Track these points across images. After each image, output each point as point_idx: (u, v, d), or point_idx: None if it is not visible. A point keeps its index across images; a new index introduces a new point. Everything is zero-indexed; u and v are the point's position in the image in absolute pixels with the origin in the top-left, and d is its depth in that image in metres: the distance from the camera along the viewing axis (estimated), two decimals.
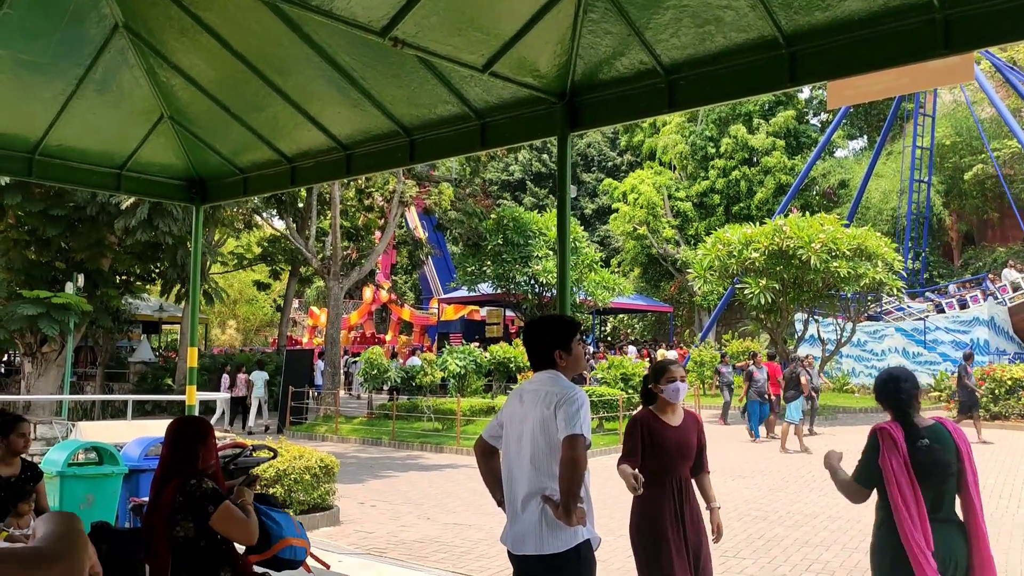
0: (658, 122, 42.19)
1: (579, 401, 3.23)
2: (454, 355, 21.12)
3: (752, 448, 16.29)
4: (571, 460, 3.11)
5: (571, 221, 23.81)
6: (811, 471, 13.18)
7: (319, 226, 25.75)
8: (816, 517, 9.69)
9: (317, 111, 5.49)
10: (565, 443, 3.14)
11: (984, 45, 3.67)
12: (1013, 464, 13.68)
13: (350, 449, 17.03)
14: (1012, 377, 19.30)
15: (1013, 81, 28.13)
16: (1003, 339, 25.82)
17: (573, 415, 3.17)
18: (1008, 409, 19.26)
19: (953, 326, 26.11)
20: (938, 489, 3.54)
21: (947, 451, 3.59)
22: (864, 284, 20.88)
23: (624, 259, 42.84)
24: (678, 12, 3.98)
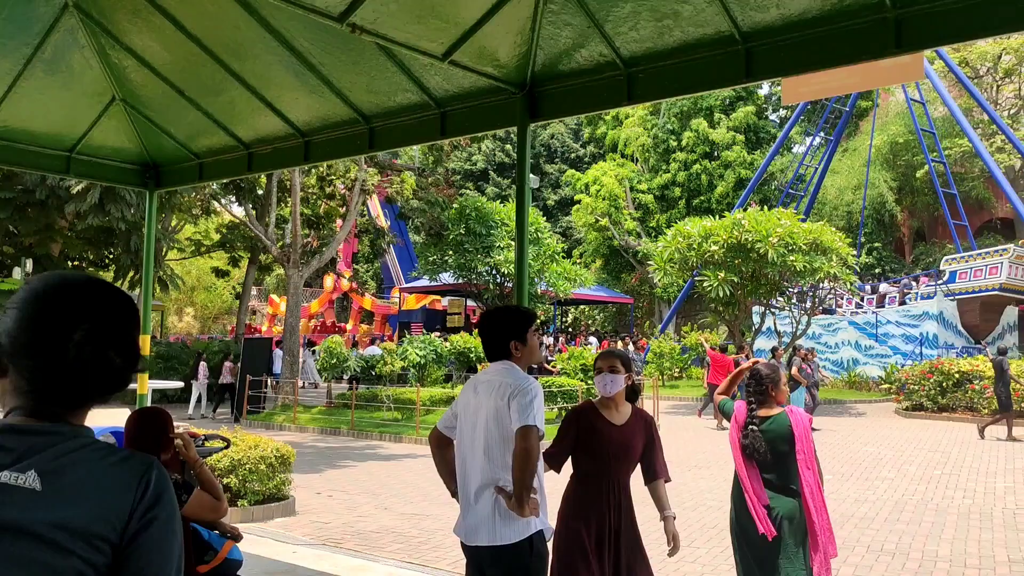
0: (621, 115, 42.41)
1: (533, 392, 3.24)
2: (414, 345, 21.05)
3: (716, 437, 16.49)
4: (524, 451, 3.12)
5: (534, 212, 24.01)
6: None
7: (279, 213, 25.46)
8: None
9: (275, 96, 5.42)
10: (518, 434, 3.15)
11: (934, 45, 3.74)
12: (959, 456, 14.03)
13: (308, 439, 16.92)
14: (959, 371, 19.76)
15: (965, 81, 28.72)
16: (951, 333, 26.44)
17: (526, 406, 3.18)
18: (955, 402, 19.73)
19: (903, 320, 26.67)
20: (773, 464, 4.39)
21: (778, 437, 4.37)
22: (819, 278, 21.23)
23: (586, 250, 43.03)
24: (637, 6, 4.01)
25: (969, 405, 19.51)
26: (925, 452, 14.39)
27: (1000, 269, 25.57)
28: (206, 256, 35.35)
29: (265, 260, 31.14)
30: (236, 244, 29.96)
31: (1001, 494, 10.62)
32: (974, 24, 3.48)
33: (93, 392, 1.36)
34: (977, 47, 33.87)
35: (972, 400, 19.38)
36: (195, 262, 41.58)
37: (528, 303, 14.02)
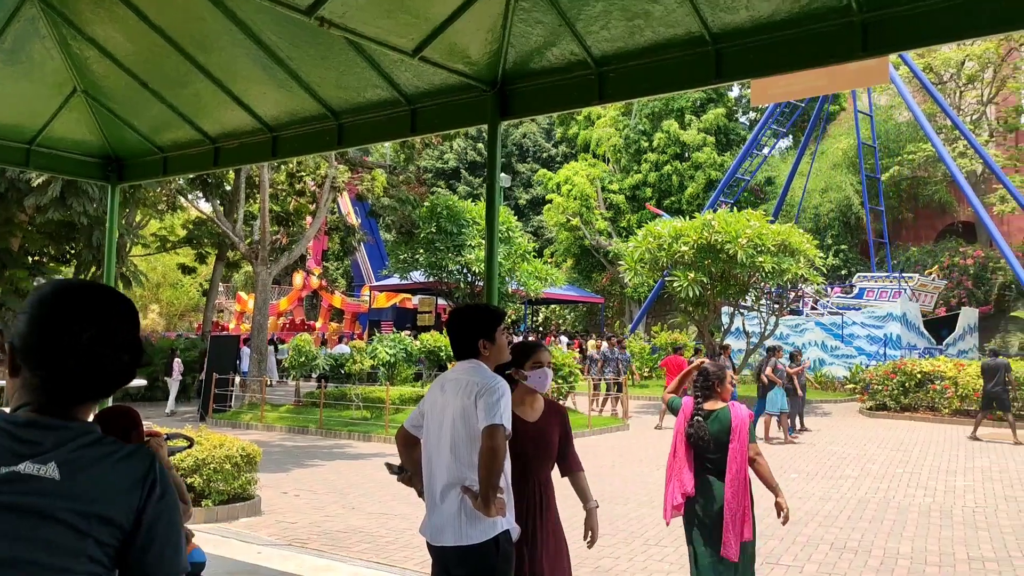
0: (593, 115, 42.54)
1: (500, 391, 3.22)
2: (384, 343, 20.95)
3: None
4: (490, 450, 3.10)
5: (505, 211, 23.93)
6: None
7: (248, 210, 25.18)
8: None
9: (241, 90, 5.35)
10: (484, 433, 3.13)
11: (899, 49, 3.78)
12: (920, 455, 14.24)
13: (276, 437, 16.76)
14: (921, 371, 20.07)
15: (929, 86, 29.18)
16: (914, 334, 26.85)
17: (493, 405, 3.16)
18: (917, 401, 20.03)
19: (868, 321, 27.03)
20: (711, 455, 4.73)
21: (718, 429, 4.72)
22: (787, 279, 21.44)
23: (557, 250, 43.11)
24: (608, 5, 4.00)
25: (931, 405, 19.81)
26: (888, 451, 14.59)
27: (901, 296, 26.93)
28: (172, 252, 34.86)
29: (233, 257, 30.80)
30: (203, 240, 29.58)
31: (961, 492, 10.80)
32: (938, 30, 3.52)
33: (101, 388, 1.51)
34: (941, 53, 34.43)
35: (933, 400, 19.68)
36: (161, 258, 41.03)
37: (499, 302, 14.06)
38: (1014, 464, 13.15)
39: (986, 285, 33.31)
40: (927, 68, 34.21)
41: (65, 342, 1.46)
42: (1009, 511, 9.70)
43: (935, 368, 19.98)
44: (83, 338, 1.46)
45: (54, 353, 1.45)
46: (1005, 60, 34.63)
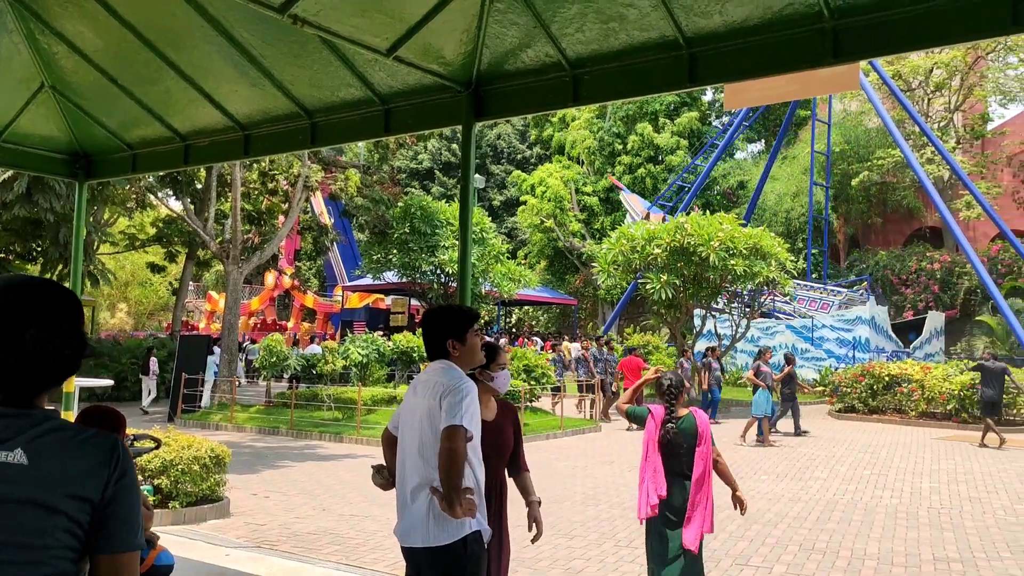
0: (567, 117, 42.66)
1: (464, 391, 3.20)
2: (356, 344, 20.84)
3: None
4: (448, 451, 3.08)
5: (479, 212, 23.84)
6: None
7: (219, 208, 24.94)
8: None
9: (213, 88, 5.30)
10: (443, 434, 3.11)
11: (869, 56, 3.83)
12: (888, 457, 14.42)
13: (246, 438, 16.61)
14: (889, 374, 20.33)
15: (898, 93, 29.60)
16: (882, 338, 27.20)
17: (455, 405, 3.14)
18: (885, 404, 20.29)
19: (838, 324, 27.34)
20: (681, 458, 5.05)
21: (687, 434, 5.05)
22: (758, 282, 21.63)
23: (531, 251, 43.16)
24: (583, 7, 4.01)
25: (898, 407, 20.07)
26: (856, 453, 14.76)
27: (830, 307, 27.53)
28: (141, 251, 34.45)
29: (204, 256, 30.51)
30: (173, 239, 29.28)
31: (927, 494, 10.95)
32: (906, 38, 3.57)
33: (50, 379, 1.59)
34: (910, 61, 34.91)
35: (900, 403, 19.94)
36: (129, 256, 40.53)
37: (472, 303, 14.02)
38: (978, 466, 13.36)
39: (952, 289, 33.84)
40: (896, 75, 34.67)
41: (9, 337, 1.54)
42: (973, 512, 9.85)
43: (902, 371, 20.25)
44: (26, 333, 1.54)
45: (3, 347, 1.54)
46: (972, 68, 35.19)
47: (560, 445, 15.88)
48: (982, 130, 36.51)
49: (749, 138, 43.17)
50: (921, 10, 3.46)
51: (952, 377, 19.23)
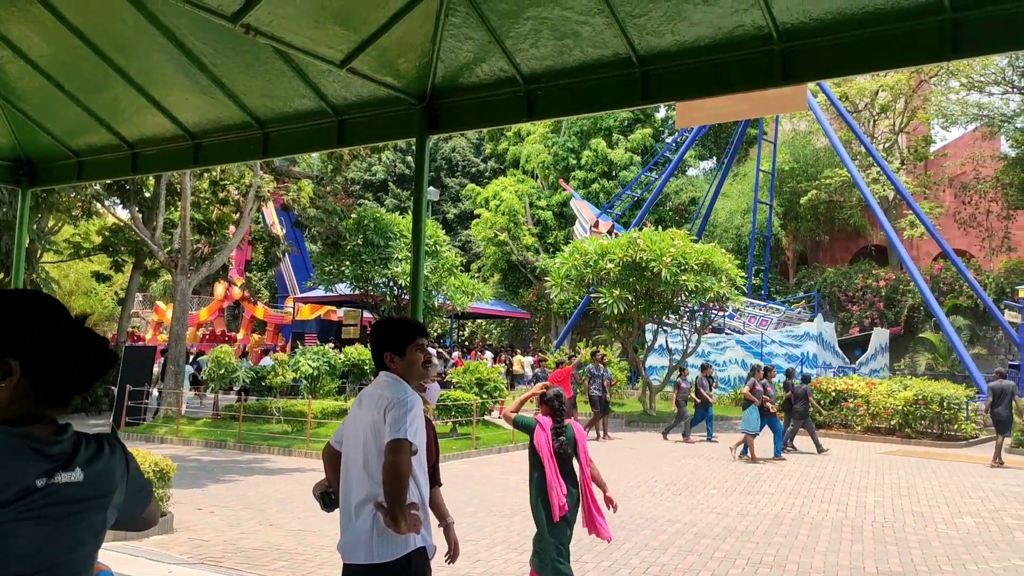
0: (522, 131, 42.86)
1: (409, 405, 3.17)
2: (307, 356, 20.59)
3: (608, 454, 16.71)
4: (392, 465, 3.04)
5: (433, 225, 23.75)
6: (655, 476, 13.66)
7: (168, 217, 24.50)
8: (656, 521, 10.04)
9: (162, 96, 5.21)
10: (387, 448, 3.08)
11: (816, 78, 3.92)
12: (834, 471, 14.68)
13: (192, 452, 16.28)
14: (836, 389, 20.72)
15: (845, 114, 30.34)
16: (829, 353, 27.72)
17: (399, 419, 3.11)
18: (831, 418, 20.66)
19: (786, 340, 27.80)
20: (569, 464, 5.79)
21: (572, 443, 5.81)
22: (709, 298, 21.91)
23: (484, 264, 43.16)
24: (538, 23, 4.04)
25: (844, 422, 20.46)
26: (803, 467, 14.99)
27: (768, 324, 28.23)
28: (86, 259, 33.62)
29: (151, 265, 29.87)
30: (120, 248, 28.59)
31: (871, 508, 11.16)
32: (852, 61, 3.67)
33: (73, 384, 1.74)
34: (856, 83, 35.80)
35: (846, 418, 20.33)
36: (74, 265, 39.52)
37: (425, 316, 14.02)
38: (921, 480, 13.66)
39: (897, 307, 34.64)
40: (844, 97, 35.52)
41: (14, 345, 1.65)
42: (916, 526, 10.07)
43: (848, 386, 20.65)
44: (27, 336, 1.66)
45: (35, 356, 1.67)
46: (916, 92, 36.21)
47: (512, 459, 15.86)
48: (925, 152, 37.56)
49: (701, 155, 43.81)
50: (866, 36, 3.56)
51: (896, 393, 19.67)
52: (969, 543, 9.13)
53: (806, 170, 37.42)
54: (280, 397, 19.21)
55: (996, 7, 3.34)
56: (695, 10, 3.74)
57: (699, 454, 16.80)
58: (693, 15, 3.77)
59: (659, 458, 16.06)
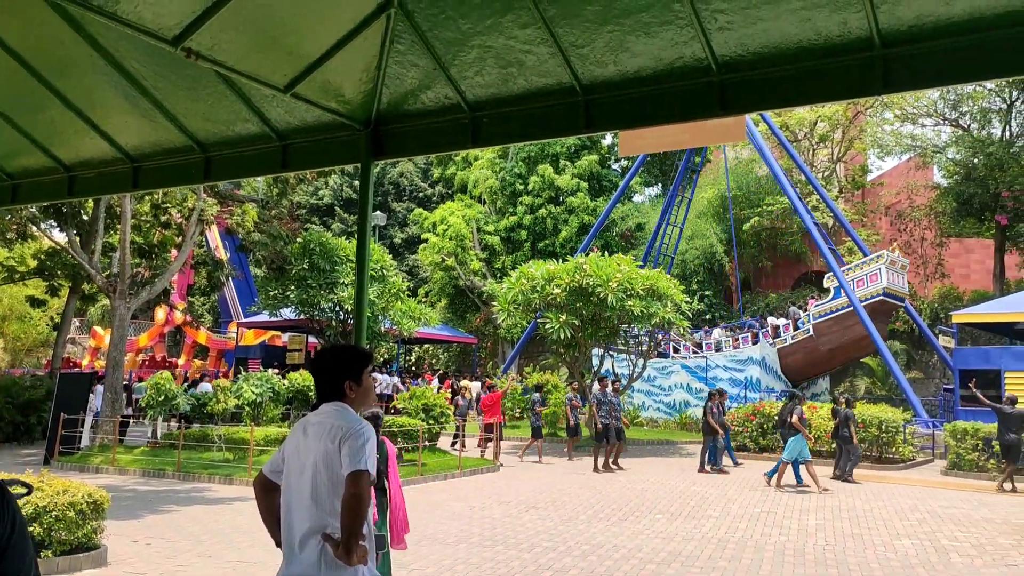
0: (470, 156, 43.04)
1: (365, 435, 3.15)
2: (250, 382, 20.22)
3: (554, 478, 16.69)
4: (354, 497, 3.02)
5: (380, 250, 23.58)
6: (601, 501, 13.68)
7: (107, 240, 23.96)
8: (602, 547, 10.04)
9: (101, 118, 5.10)
10: (348, 479, 3.05)
11: (754, 109, 4.02)
12: (776, 495, 14.87)
13: (128, 481, 15.83)
14: (778, 413, 21.02)
15: (785, 143, 31.14)
16: (772, 377, 28.19)
17: (358, 450, 3.09)
18: (775, 443, 20.94)
19: (730, 364, 28.21)
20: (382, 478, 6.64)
21: (383, 460, 6.63)
22: (654, 323, 22.14)
23: (432, 289, 43.03)
24: (483, 52, 4.08)
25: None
26: (747, 491, 15.16)
27: (880, 275, 26.74)
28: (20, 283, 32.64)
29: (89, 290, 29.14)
30: (56, 272, 27.85)
31: (813, 531, 11.32)
32: (788, 94, 3.78)
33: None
34: (796, 114, 36.80)
35: None
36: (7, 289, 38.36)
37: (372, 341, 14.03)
38: (860, 503, 13.92)
39: None
40: (784, 126, 36.46)
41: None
42: (856, 548, 10.24)
43: None
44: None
45: None
46: (852, 122, 37.34)
47: (458, 485, 15.75)
48: (862, 181, 38.67)
49: (647, 182, 44.45)
50: (801, 69, 3.67)
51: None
52: (907, 565, 9.32)
53: (748, 197, 38.20)
54: (221, 424, 18.81)
55: (923, 45, 3.47)
56: (637, 41, 3.81)
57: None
58: (635, 46, 3.84)
59: (606, 483, 16.09)
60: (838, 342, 27.85)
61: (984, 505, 13.78)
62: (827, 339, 27.96)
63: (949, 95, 33.57)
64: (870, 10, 3.34)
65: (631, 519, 12.02)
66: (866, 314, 25.46)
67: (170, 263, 23.15)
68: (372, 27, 4.06)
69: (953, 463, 18.23)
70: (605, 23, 3.76)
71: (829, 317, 27.83)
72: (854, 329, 26.90)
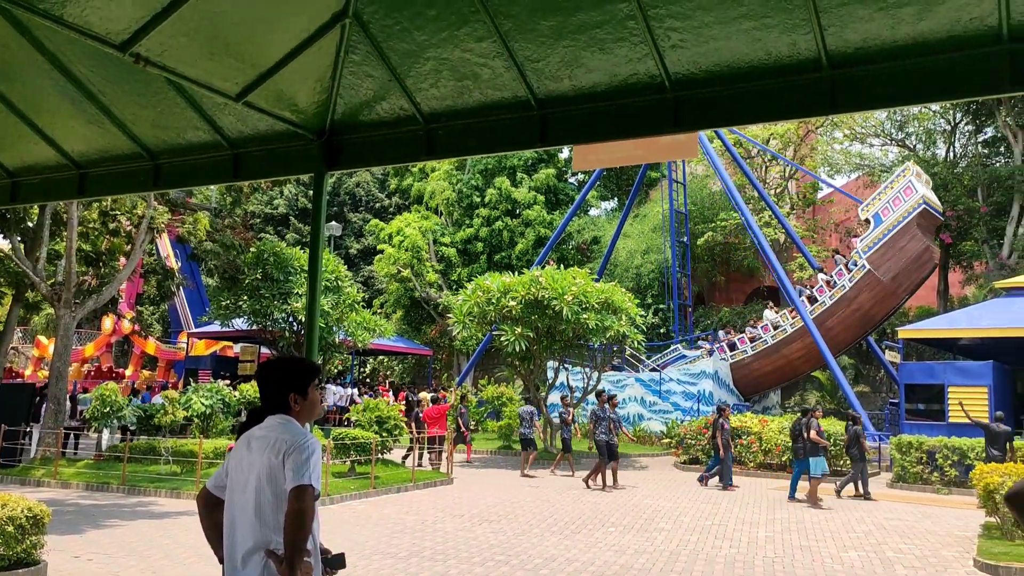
0: (427, 167, 42.97)
1: (309, 449, 3.10)
2: (200, 393, 19.87)
3: (507, 489, 16.64)
4: (297, 512, 2.97)
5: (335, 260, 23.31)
6: (555, 514, 13.68)
7: (53, 248, 23.37)
8: (555, 560, 10.04)
9: (46, 124, 4.99)
10: (292, 494, 3.00)
11: (707, 127, 4.09)
12: (728, 508, 15.02)
13: (71, 495, 15.41)
14: (731, 426, 21.23)
15: (739, 160, 31.65)
16: (724, 391, 28.51)
17: (302, 464, 3.04)
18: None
19: (684, 378, 28.47)
20: None
21: None
22: (609, 336, 22.26)
23: (387, 301, 42.78)
24: (438, 64, 4.08)
25: (738, 459, 20.97)
26: (699, 504, 15.28)
27: (913, 187, 25.80)
28: None
29: (33, 298, 28.36)
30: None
31: (762, 543, 11.45)
32: (741, 112, 3.84)
33: None
34: (749, 130, 37.41)
35: (740, 454, 20.86)
36: None
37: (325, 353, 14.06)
38: (809, 516, 14.12)
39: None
40: (737, 143, 37.05)
41: None
42: (804, 561, 10.38)
43: (742, 424, 21.23)
44: None
45: None
46: (803, 141, 38.09)
47: (411, 498, 15.63)
48: (813, 198, 39.41)
49: (603, 196, 44.81)
50: (752, 88, 3.73)
51: (787, 430, 20.31)
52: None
53: (702, 212, 38.70)
54: (170, 436, 18.43)
55: (870, 67, 3.56)
56: (592, 57, 3.84)
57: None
58: (590, 62, 3.87)
59: (558, 495, 16.10)
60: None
61: (927, 517, 14.07)
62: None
63: (896, 116, 34.47)
64: (818, 32, 3.41)
65: (584, 532, 12.04)
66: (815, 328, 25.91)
67: (118, 271, 22.66)
68: (327, 37, 4.04)
69: (898, 476, 18.58)
70: (560, 38, 3.78)
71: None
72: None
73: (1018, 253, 30.15)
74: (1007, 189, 30.88)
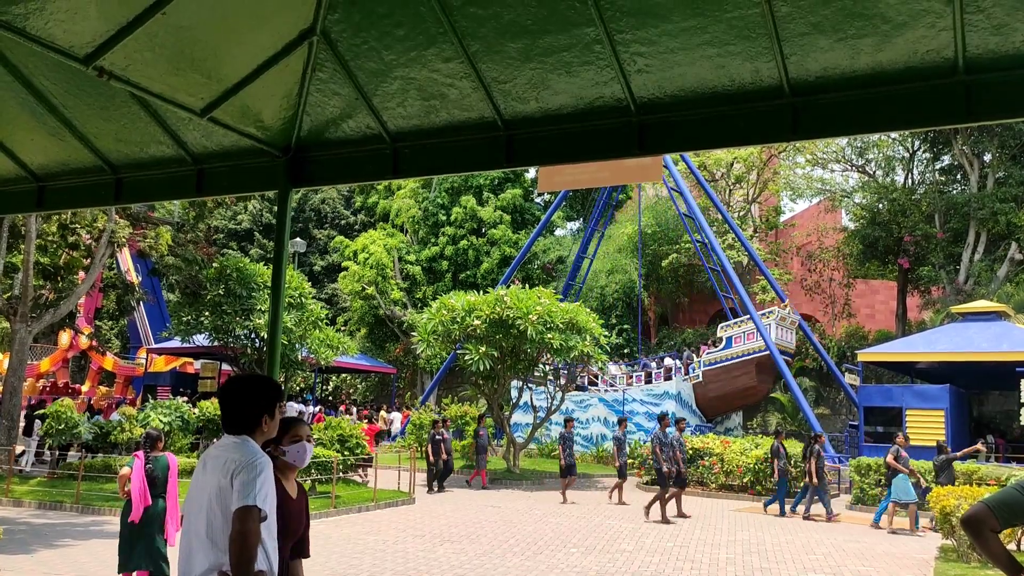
0: (393, 185, 42.93)
1: (259, 468, 3.04)
2: (158, 410, 19.55)
3: (469, 510, 16.53)
4: (240, 535, 2.90)
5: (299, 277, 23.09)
6: (516, 535, 13.61)
7: (9, 260, 22.94)
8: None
9: (5, 135, 4.90)
10: (235, 516, 2.94)
11: (672, 150, 4.14)
12: (689, 529, 15.07)
13: (23, 514, 15.01)
14: (692, 447, 21.37)
15: (703, 183, 32.06)
16: (687, 412, 28.69)
17: (248, 484, 2.97)
18: (688, 476, 21.25)
19: (647, 398, 28.59)
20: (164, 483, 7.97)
21: (162, 467, 7.95)
22: (573, 356, 22.31)
23: (351, 318, 42.52)
24: (405, 83, 4.09)
25: (700, 479, 21.09)
26: (660, 526, 15.31)
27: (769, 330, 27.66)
28: None
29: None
30: None
31: (723, 564, 11.49)
32: (705, 136, 3.90)
33: None
34: (714, 154, 37.90)
35: (703, 475, 20.98)
36: None
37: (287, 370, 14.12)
38: (770, 538, 14.21)
39: None
40: (702, 166, 37.49)
41: None
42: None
43: (704, 445, 21.36)
44: None
45: None
46: (767, 165, 38.67)
47: (372, 518, 15.46)
48: (775, 221, 39.99)
49: (569, 216, 45.06)
50: (715, 114, 3.80)
51: (748, 451, 20.49)
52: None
53: (667, 234, 39.06)
54: (127, 454, 18.07)
55: (830, 95, 3.63)
56: (558, 80, 3.88)
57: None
58: (556, 84, 3.91)
59: (521, 516, 16.04)
60: (723, 390, 29.08)
61: (886, 540, 14.24)
62: (714, 386, 29.19)
63: (856, 143, 35.15)
64: (780, 60, 3.48)
65: (545, 553, 11.99)
66: (777, 350, 26.21)
67: (77, 285, 22.27)
68: (294, 54, 4.03)
69: (857, 498, 18.79)
70: (528, 60, 3.82)
71: (718, 366, 28.89)
72: (739, 380, 28.47)
73: (974, 279, 30.80)
74: (963, 216, 31.59)
